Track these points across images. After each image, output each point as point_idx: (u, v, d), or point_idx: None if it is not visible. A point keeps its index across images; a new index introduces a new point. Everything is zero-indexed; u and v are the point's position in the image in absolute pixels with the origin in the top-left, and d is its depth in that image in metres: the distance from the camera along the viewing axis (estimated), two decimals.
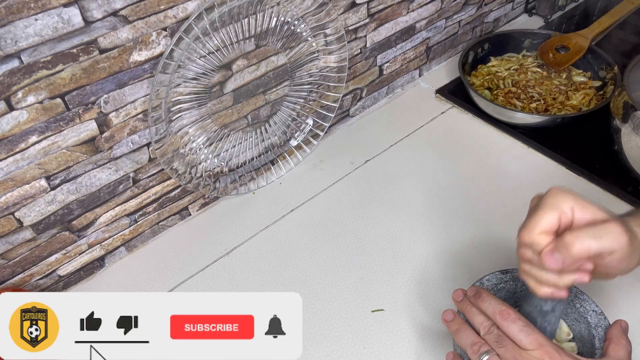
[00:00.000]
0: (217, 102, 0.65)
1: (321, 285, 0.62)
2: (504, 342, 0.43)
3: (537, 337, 0.42)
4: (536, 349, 0.42)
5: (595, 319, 0.49)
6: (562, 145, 0.75)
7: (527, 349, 0.42)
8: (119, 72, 0.54)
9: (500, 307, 0.45)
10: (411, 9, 0.80)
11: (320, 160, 0.78)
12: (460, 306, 0.49)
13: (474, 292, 0.48)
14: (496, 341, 0.43)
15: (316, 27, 0.68)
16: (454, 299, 0.50)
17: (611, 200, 0.68)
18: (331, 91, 0.75)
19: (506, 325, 0.43)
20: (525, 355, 0.42)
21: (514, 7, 1.00)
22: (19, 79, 0.48)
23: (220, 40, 0.59)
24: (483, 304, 0.46)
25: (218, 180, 0.71)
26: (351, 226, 0.68)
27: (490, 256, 0.63)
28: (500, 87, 0.85)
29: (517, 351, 0.42)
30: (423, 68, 0.91)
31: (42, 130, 0.52)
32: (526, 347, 0.42)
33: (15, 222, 0.55)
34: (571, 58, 0.85)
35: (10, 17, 0.45)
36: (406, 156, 0.77)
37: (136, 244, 0.68)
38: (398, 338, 0.56)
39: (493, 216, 0.67)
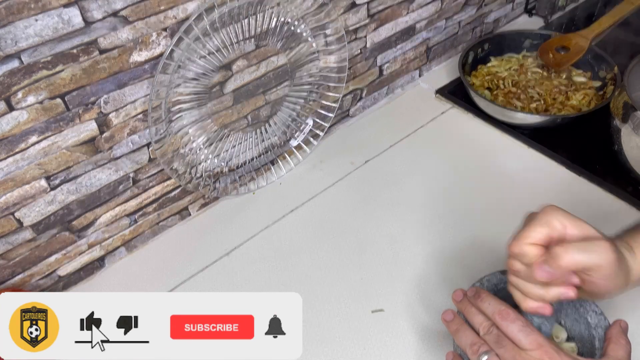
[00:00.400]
0: (217, 102, 0.65)
1: (321, 285, 0.62)
2: (503, 342, 0.43)
3: (537, 337, 0.42)
4: (535, 349, 0.42)
5: (595, 319, 0.49)
6: (562, 145, 0.75)
7: (526, 349, 0.42)
8: (119, 73, 0.54)
9: (499, 307, 0.45)
10: (411, 9, 0.80)
11: (320, 161, 0.78)
12: (460, 306, 0.49)
13: (473, 293, 0.49)
14: (496, 341, 0.43)
15: (316, 27, 0.68)
16: (453, 299, 0.50)
17: (611, 200, 0.68)
18: (331, 91, 0.75)
19: (505, 325, 0.44)
20: (524, 356, 0.42)
21: (514, 8, 1.00)
22: (19, 79, 0.48)
23: (221, 40, 0.59)
24: (482, 304, 0.46)
25: (218, 181, 0.71)
26: (351, 226, 0.68)
27: (490, 256, 0.63)
28: (500, 88, 0.85)
29: (517, 351, 0.42)
30: (423, 68, 0.91)
31: (42, 131, 0.52)
32: (525, 347, 0.42)
33: (15, 222, 0.55)
34: (571, 58, 0.85)
35: (11, 17, 0.45)
36: (406, 156, 0.77)
37: (136, 244, 0.68)
38: (398, 338, 0.56)
39: (493, 216, 0.67)
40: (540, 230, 0.44)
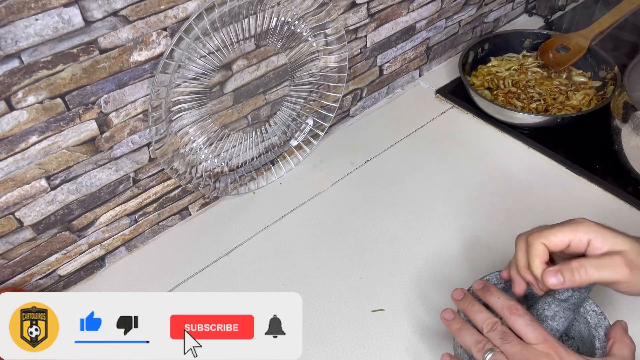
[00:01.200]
0: (217, 102, 0.65)
1: (321, 285, 0.62)
2: (509, 338, 0.43)
3: (542, 332, 0.43)
4: (541, 343, 0.42)
5: (595, 319, 0.49)
6: (562, 145, 0.75)
7: (532, 343, 0.42)
8: (119, 72, 0.54)
9: (508, 301, 0.45)
10: (411, 9, 0.80)
11: (321, 160, 0.78)
12: (461, 305, 0.48)
13: (481, 286, 0.49)
14: (501, 337, 0.43)
15: (316, 27, 0.68)
16: (453, 298, 0.50)
17: (611, 200, 0.68)
18: (331, 91, 0.75)
19: (513, 319, 0.44)
20: (530, 349, 0.42)
21: (514, 7, 1.00)
22: (19, 79, 0.48)
23: (221, 40, 0.59)
24: (492, 298, 0.47)
25: (218, 180, 0.71)
26: (351, 226, 0.68)
27: (490, 256, 0.63)
28: (500, 87, 0.85)
29: (523, 345, 0.42)
30: (423, 68, 0.91)
31: (42, 130, 0.52)
32: (531, 341, 0.42)
33: (15, 222, 0.55)
34: (571, 58, 0.85)
35: (11, 17, 0.45)
36: (406, 156, 0.77)
37: (136, 244, 0.68)
38: (398, 338, 0.56)
39: (493, 216, 0.67)
40: (566, 234, 0.45)
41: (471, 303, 0.47)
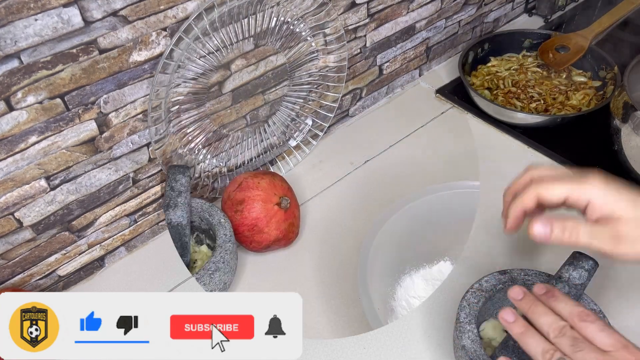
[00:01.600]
0: (215, 102, 0.65)
1: (321, 285, 0.62)
2: (581, 345, 0.39)
3: (620, 338, 0.39)
4: (620, 350, 0.38)
5: None
6: (562, 145, 0.75)
7: (609, 351, 0.38)
8: (118, 72, 0.54)
9: (578, 308, 0.41)
10: (411, 9, 0.80)
11: (320, 161, 0.78)
12: (522, 305, 0.44)
13: (544, 290, 0.44)
14: (572, 344, 0.39)
15: (316, 26, 0.68)
16: (512, 298, 0.45)
17: None
18: (330, 91, 0.75)
19: (584, 326, 0.40)
20: (607, 357, 0.38)
21: (514, 7, 1.00)
22: (18, 79, 0.48)
23: (220, 40, 0.59)
24: (558, 304, 0.42)
25: (217, 181, 0.71)
26: (351, 226, 0.68)
27: (489, 256, 0.63)
28: (500, 87, 0.85)
29: (599, 353, 0.38)
30: (423, 68, 0.91)
31: (42, 131, 0.52)
32: (608, 348, 0.39)
33: (15, 222, 0.55)
34: (571, 58, 0.85)
35: (10, 17, 0.45)
36: (406, 156, 0.77)
37: (136, 244, 0.68)
38: (398, 338, 0.56)
39: (493, 216, 0.67)
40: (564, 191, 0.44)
41: (534, 304, 0.43)
